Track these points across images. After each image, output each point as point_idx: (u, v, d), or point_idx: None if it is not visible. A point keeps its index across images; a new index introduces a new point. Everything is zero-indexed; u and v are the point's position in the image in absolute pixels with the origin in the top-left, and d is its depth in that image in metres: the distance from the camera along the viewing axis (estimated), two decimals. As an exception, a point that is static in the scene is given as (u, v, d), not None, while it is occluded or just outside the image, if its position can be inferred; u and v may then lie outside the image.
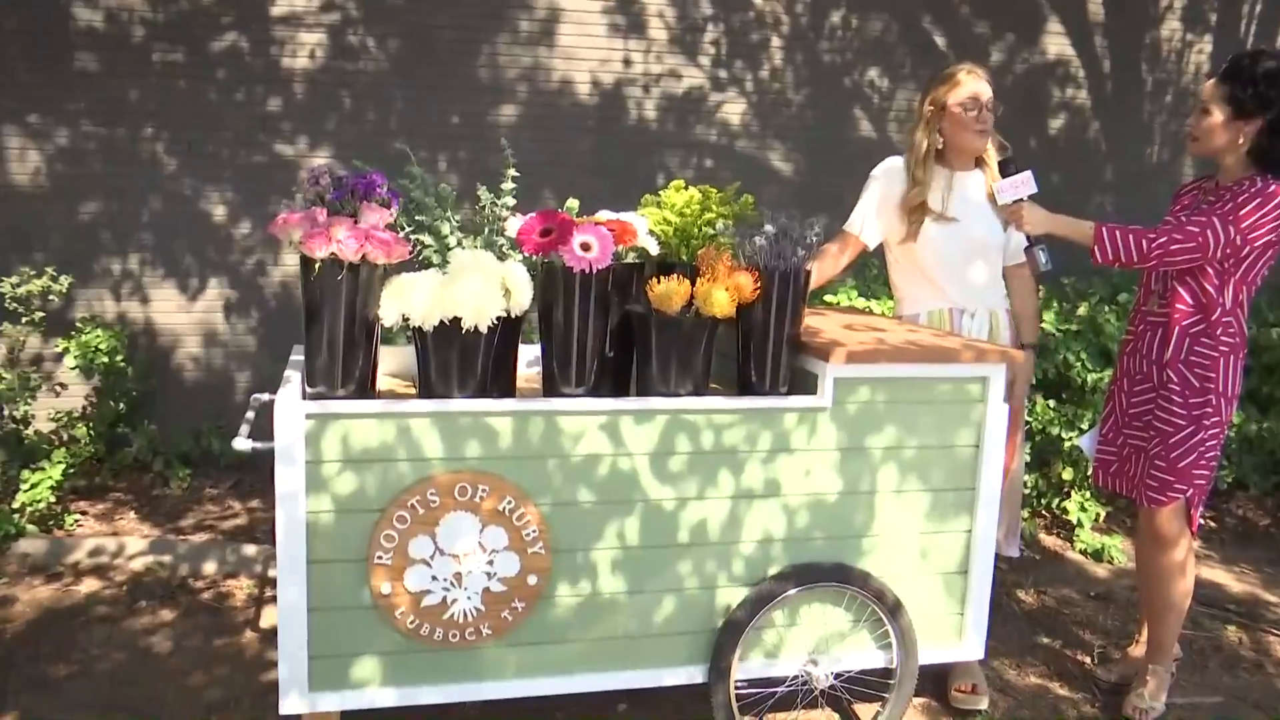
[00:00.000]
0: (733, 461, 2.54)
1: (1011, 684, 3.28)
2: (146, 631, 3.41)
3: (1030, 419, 4.44)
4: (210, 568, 3.89)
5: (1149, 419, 2.99)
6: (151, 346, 5.01)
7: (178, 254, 5.00)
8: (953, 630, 2.80)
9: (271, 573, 3.83)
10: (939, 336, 2.83)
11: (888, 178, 3.13)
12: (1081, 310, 4.75)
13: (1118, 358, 3.15)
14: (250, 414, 2.67)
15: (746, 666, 2.65)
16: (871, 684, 2.80)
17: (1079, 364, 4.51)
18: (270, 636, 3.37)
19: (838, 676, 2.72)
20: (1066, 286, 5.15)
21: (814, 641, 2.70)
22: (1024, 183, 2.93)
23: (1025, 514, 4.52)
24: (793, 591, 2.60)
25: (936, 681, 3.15)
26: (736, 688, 2.63)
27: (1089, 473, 4.44)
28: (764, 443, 2.55)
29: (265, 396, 2.82)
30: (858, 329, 2.88)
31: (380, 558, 2.37)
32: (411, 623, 2.41)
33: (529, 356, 3.01)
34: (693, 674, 2.62)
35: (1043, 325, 4.58)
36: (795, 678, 2.71)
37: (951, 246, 3.05)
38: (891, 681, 2.76)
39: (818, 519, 2.63)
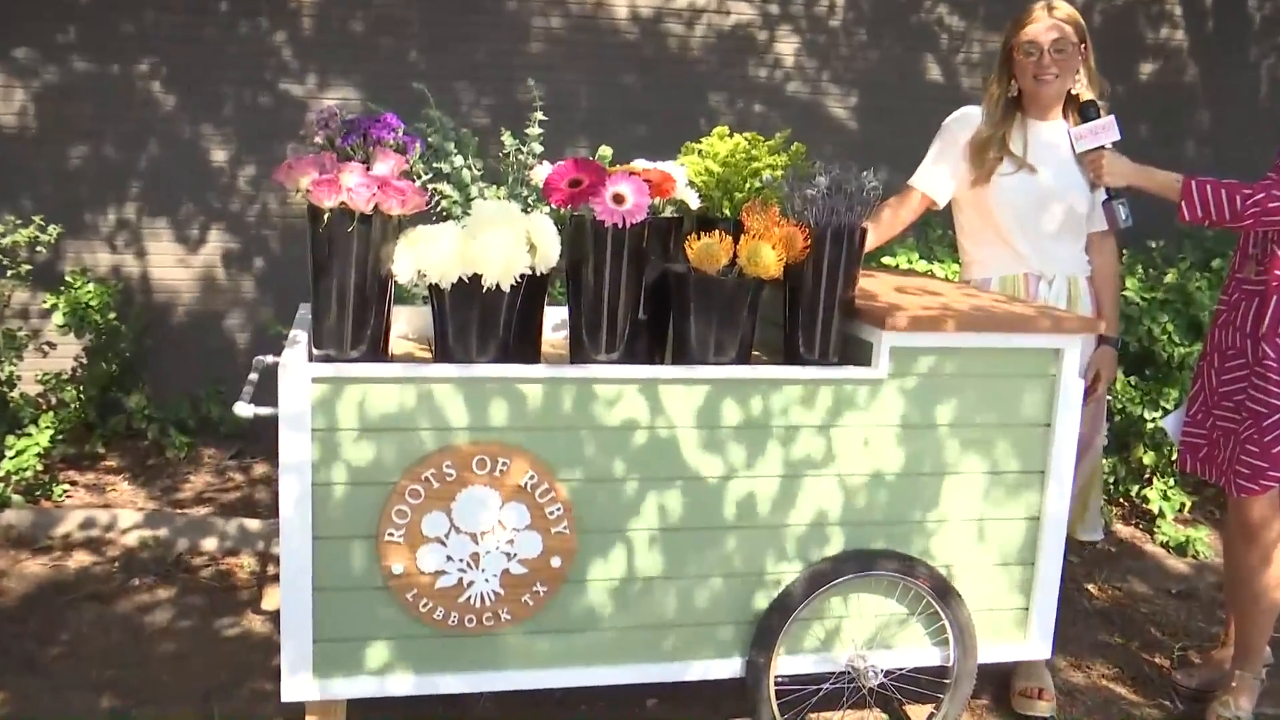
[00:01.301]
0: (777, 438, 2.55)
1: (1080, 688, 3.29)
2: (140, 611, 3.48)
3: (1109, 397, 4.41)
4: (209, 543, 3.96)
5: (1241, 399, 2.96)
6: (147, 303, 5.08)
7: (175, 202, 5.06)
8: (1016, 627, 2.81)
9: (274, 549, 3.90)
10: (1008, 303, 2.82)
11: (960, 127, 3.10)
12: (1169, 277, 4.71)
13: (1208, 330, 3.12)
14: (253, 377, 2.71)
15: (788, 661, 2.67)
16: (925, 683, 2.82)
17: (1165, 337, 4.48)
18: (272, 618, 3.44)
19: (888, 674, 2.74)
20: (1153, 250, 5.09)
21: (862, 635, 2.72)
22: (1105, 129, 2.90)
23: (1101, 501, 4.50)
24: (839, 580, 2.62)
25: (998, 682, 3.17)
26: (777, 684, 2.65)
27: (1173, 458, 4.42)
28: (811, 418, 2.56)
29: (269, 358, 2.86)
30: (918, 294, 2.88)
31: (391, 535, 2.41)
32: (425, 605, 2.45)
33: (555, 319, 3.03)
34: (729, 668, 2.65)
35: (1125, 293, 4.54)
36: (841, 674, 2.73)
37: (1029, 201, 3.02)
38: (947, 681, 2.77)
39: (868, 502, 2.64)
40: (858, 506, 2.63)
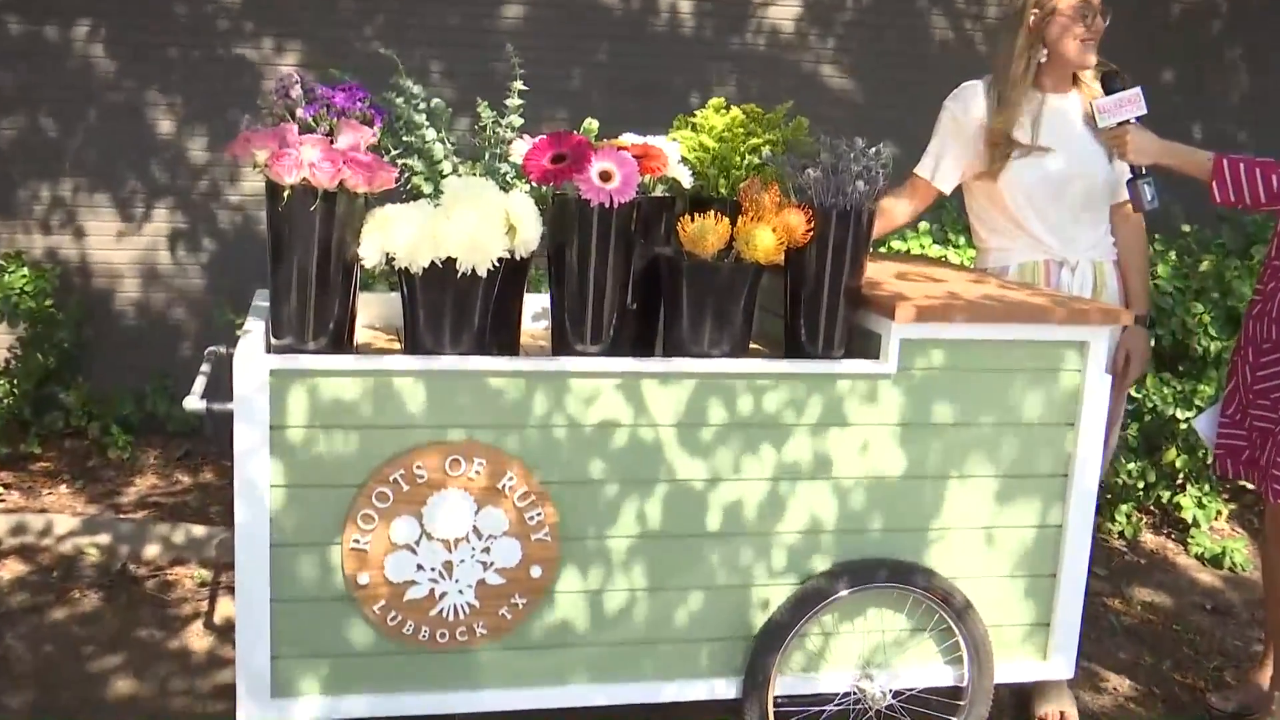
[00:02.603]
0: (776, 438, 2.57)
1: (1106, 711, 3.32)
2: (79, 625, 3.49)
3: (1138, 395, 4.44)
4: (154, 551, 3.96)
5: (1278, 396, 2.99)
6: (86, 290, 5.07)
7: (118, 178, 5.05)
8: (1036, 644, 2.83)
9: (227, 557, 3.90)
10: (1028, 292, 2.84)
11: (963, 106, 3.12)
12: (1205, 265, 4.73)
13: (1243, 322, 3.15)
14: (204, 369, 2.72)
15: (788, 680, 2.69)
16: (936, 705, 2.84)
17: (1200, 330, 4.50)
18: (224, 633, 3.45)
19: (897, 695, 2.76)
20: (1187, 235, 5.12)
21: (869, 652, 2.74)
22: (1131, 102, 2.93)
23: (1127, 508, 4.54)
24: (844, 593, 2.64)
25: (1014, 705, 3.19)
26: (776, 705, 2.67)
27: (1209, 461, 4.45)
28: (815, 415, 2.57)
29: (222, 349, 2.87)
30: (930, 282, 2.90)
31: (357, 541, 2.42)
32: (393, 619, 2.46)
33: (536, 308, 3.04)
34: (724, 687, 2.67)
35: (1156, 281, 4.57)
36: (846, 695, 2.75)
37: (1044, 185, 3.05)
38: (961, 702, 2.79)
39: (876, 507, 2.66)
40: (865, 512, 2.65)
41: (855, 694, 2.74)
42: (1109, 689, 3.43)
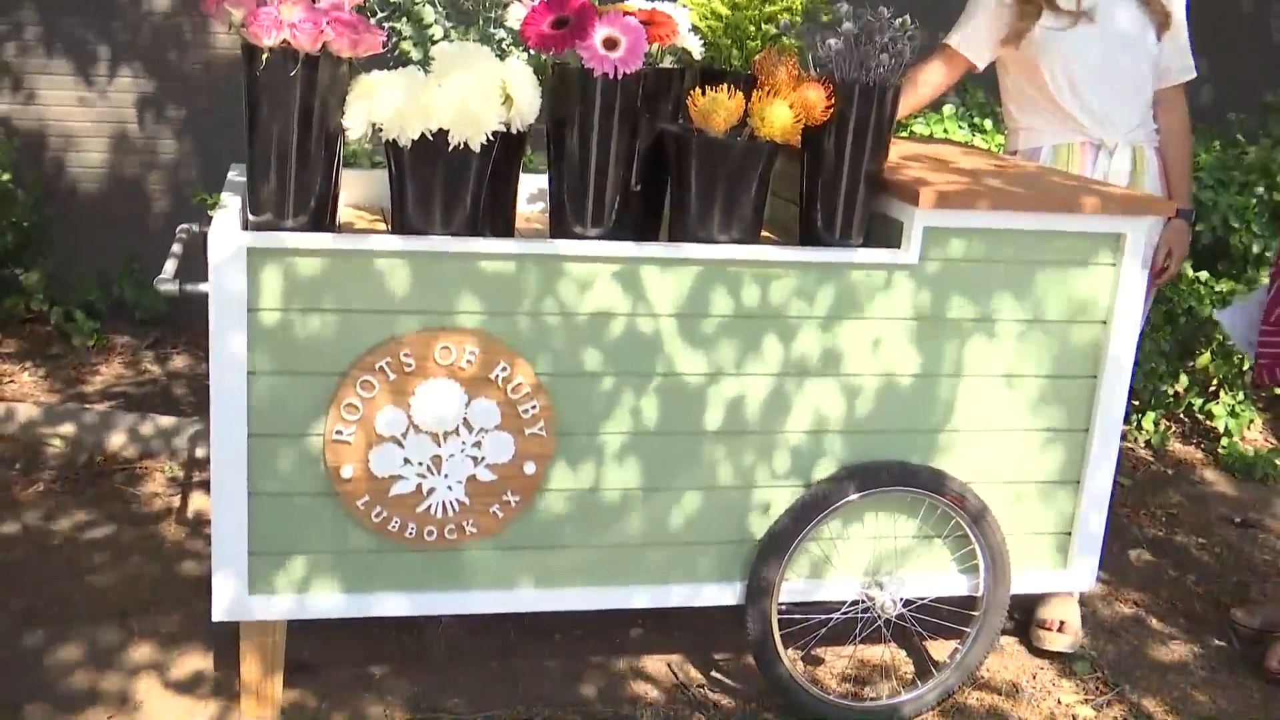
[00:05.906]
0: (789, 330, 2.57)
1: (1126, 624, 3.36)
2: (45, 519, 3.51)
3: (1172, 295, 4.44)
4: (122, 442, 3.98)
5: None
6: (44, 162, 5.03)
7: (77, 37, 4.98)
8: (1056, 553, 2.87)
9: (200, 450, 3.93)
10: (1062, 179, 2.82)
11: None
12: (1250, 156, 4.70)
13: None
14: (176, 248, 2.71)
15: (793, 587, 2.73)
16: (948, 615, 2.88)
17: (1243, 226, 4.48)
18: (198, 528, 3.48)
19: (907, 604, 2.80)
20: (1231, 123, 5.07)
21: (879, 560, 2.77)
22: None
23: (1155, 415, 4.56)
24: (854, 496, 2.66)
25: (1016, 606, 3.23)
26: (780, 613, 2.71)
27: (1244, 367, 4.46)
28: (829, 307, 2.57)
29: (195, 227, 2.86)
30: (956, 166, 2.88)
31: (340, 433, 2.43)
32: (377, 515, 2.48)
33: (532, 188, 3.03)
34: (726, 593, 2.71)
35: (1198, 174, 4.53)
36: (854, 603, 2.79)
37: (1084, 59, 3.02)
38: (975, 613, 2.83)
39: (891, 406, 2.67)
40: (878, 412, 2.67)
41: (864, 602, 2.78)
42: (1129, 602, 3.48)
